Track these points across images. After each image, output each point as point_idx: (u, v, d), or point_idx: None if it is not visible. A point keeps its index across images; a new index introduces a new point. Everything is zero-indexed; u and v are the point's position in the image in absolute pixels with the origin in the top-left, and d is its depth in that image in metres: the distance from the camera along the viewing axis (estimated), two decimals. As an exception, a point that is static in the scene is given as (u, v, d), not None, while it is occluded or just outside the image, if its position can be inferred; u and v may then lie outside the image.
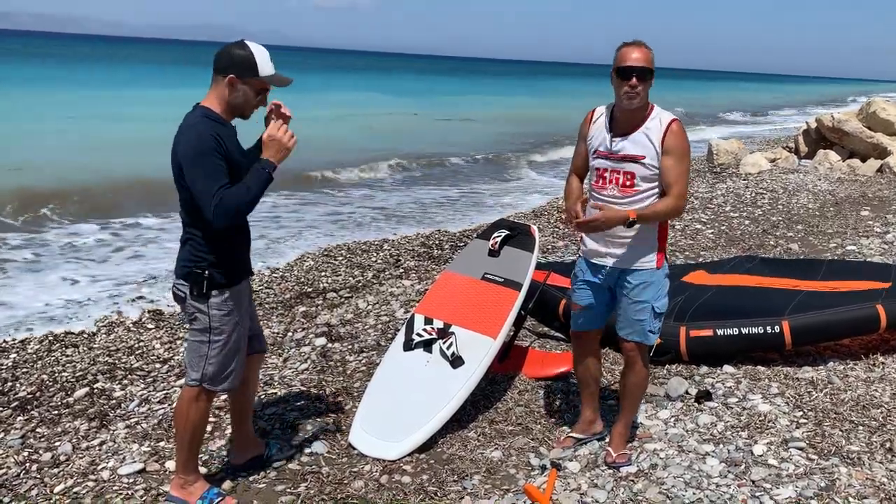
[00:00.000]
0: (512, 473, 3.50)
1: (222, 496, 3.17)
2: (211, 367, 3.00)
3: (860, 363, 4.45)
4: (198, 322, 2.98)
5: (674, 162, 3.17)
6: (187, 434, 3.07)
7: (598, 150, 3.30)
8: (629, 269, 3.32)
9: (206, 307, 2.94)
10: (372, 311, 5.79)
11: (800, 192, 10.74)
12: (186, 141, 2.77)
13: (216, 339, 2.97)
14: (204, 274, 2.89)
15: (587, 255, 3.45)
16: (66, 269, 7.40)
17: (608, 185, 3.26)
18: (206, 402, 3.08)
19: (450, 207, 11.71)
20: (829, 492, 3.13)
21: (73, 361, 4.81)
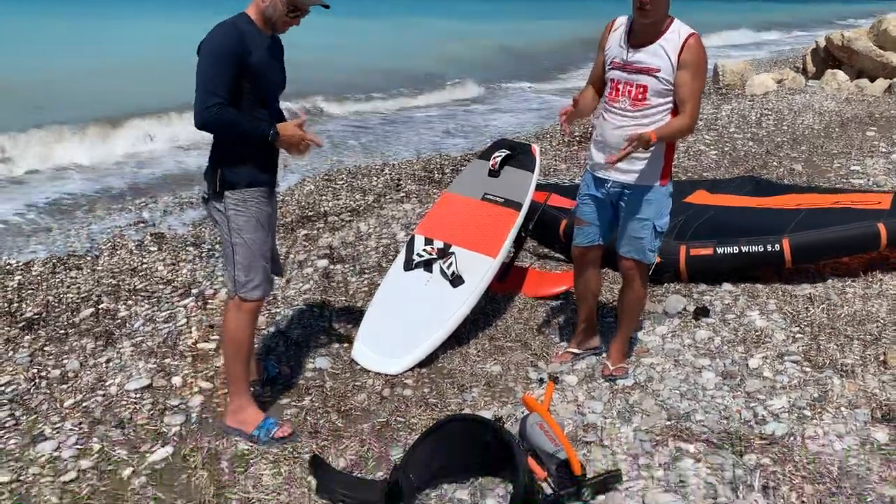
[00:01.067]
0: (511, 386, 3.57)
1: (279, 424, 3.16)
2: (240, 272, 3.02)
3: (859, 280, 4.47)
4: (220, 226, 3.04)
5: (689, 77, 3.12)
6: (233, 348, 3.12)
7: (614, 60, 3.26)
8: (633, 185, 3.31)
9: (223, 207, 2.97)
10: (373, 233, 5.80)
11: (805, 113, 10.58)
12: (208, 37, 2.85)
13: (236, 240, 2.99)
14: (219, 173, 2.94)
15: (593, 169, 3.44)
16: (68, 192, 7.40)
17: (620, 98, 3.23)
18: (248, 314, 3.09)
19: (451, 132, 11.58)
20: (821, 402, 3.20)
21: (78, 283, 4.85)
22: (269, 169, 3.06)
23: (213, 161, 3.00)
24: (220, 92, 2.78)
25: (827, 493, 2.63)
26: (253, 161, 2.97)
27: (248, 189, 2.97)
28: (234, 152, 2.94)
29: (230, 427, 3.17)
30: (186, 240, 5.67)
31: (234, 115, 2.84)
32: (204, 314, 4.33)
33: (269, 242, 3.15)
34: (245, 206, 2.97)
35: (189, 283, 4.83)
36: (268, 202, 3.07)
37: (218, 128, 2.88)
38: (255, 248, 3.02)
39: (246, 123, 2.88)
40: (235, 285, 3.05)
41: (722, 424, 3.09)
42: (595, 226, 3.51)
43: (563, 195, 5.43)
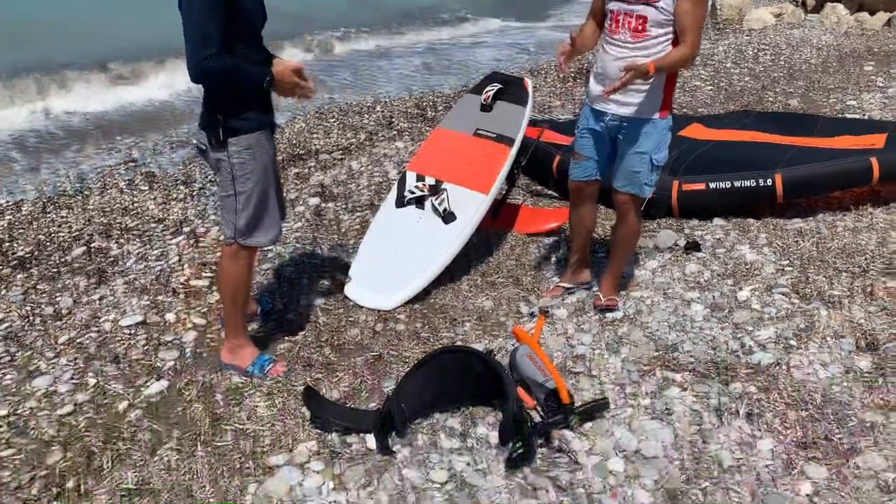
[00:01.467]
0: (502, 320, 3.61)
1: (273, 361, 3.19)
2: (242, 220, 2.96)
3: (849, 214, 4.48)
4: (222, 174, 2.94)
5: (690, 6, 3.06)
6: (230, 293, 3.10)
7: None
8: (632, 118, 3.28)
9: (227, 155, 2.88)
10: (365, 171, 5.77)
11: (803, 47, 10.42)
12: None
13: (241, 189, 2.92)
14: (220, 120, 2.84)
15: (592, 102, 3.40)
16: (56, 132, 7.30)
17: (620, 30, 3.17)
18: (246, 258, 3.05)
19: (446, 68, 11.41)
20: (807, 332, 3.24)
21: (69, 222, 4.83)
22: (268, 110, 2.98)
23: (210, 109, 2.87)
24: (214, 40, 2.65)
25: (809, 419, 2.69)
26: (253, 105, 2.88)
27: (252, 134, 2.88)
28: (233, 98, 2.83)
29: (225, 363, 3.20)
30: (177, 178, 5.63)
31: (232, 63, 2.73)
32: (196, 252, 4.33)
33: (278, 184, 3.09)
34: (251, 152, 2.88)
35: (180, 221, 4.82)
36: (270, 144, 3.00)
37: (217, 79, 2.76)
38: (261, 195, 2.95)
39: (245, 71, 2.78)
40: (235, 232, 2.99)
41: (709, 355, 3.13)
42: (593, 160, 3.49)
43: (556, 130, 5.38)
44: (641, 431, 2.68)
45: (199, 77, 2.73)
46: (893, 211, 4.46)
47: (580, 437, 2.68)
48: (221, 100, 2.84)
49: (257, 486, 2.52)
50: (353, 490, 2.49)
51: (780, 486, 2.40)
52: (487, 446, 2.66)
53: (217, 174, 3.01)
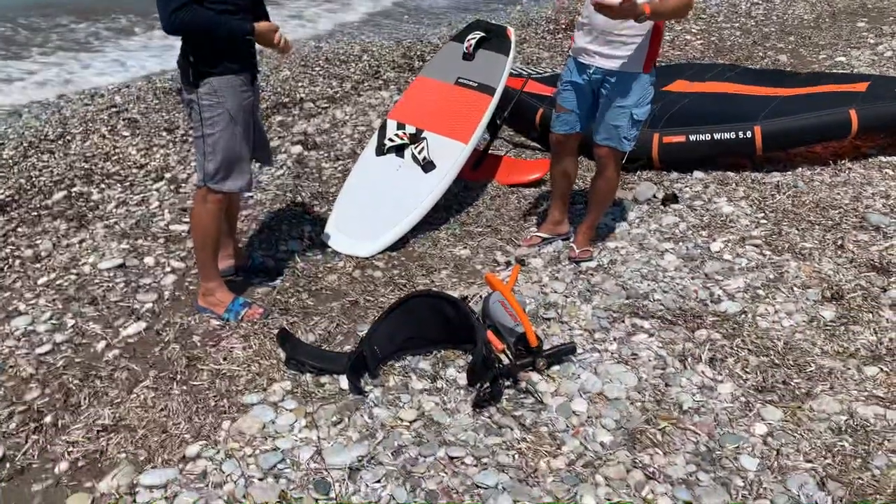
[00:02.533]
0: (478, 269, 3.66)
1: (248, 305, 3.22)
2: (210, 164, 2.96)
3: (828, 168, 4.51)
4: (193, 115, 2.95)
5: None
6: (199, 236, 3.11)
7: None
8: (615, 71, 3.27)
9: (196, 97, 2.88)
10: (349, 121, 5.74)
11: (797, 3, 10.32)
12: None
13: (209, 132, 2.92)
14: (192, 62, 2.83)
15: (576, 54, 3.39)
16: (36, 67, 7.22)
17: None
18: (215, 203, 3.05)
19: (436, 17, 11.26)
20: (776, 282, 3.30)
21: (50, 167, 4.82)
22: (246, 56, 2.95)
23: (184, 49, 2.87)
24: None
25: (770, 365, 2.76)
26: (227, 50, 2.86)
27: (223, 77, 2.87)
28: (206, 44, 2.82)
29: (202, 307, 3.24)
30: (160, 125, 5.60)
31: (205, 16, 2.71)
32: (176, 198, 4.34)
33: (249, 133, 3.07)
34: (216, 96, 2.87)
35: (162, 167, 4.81)
36: (248, 91, 2.98)
37: (189, 31, 2.76)
38: (228, 141, 2.95)
39: (220, 25, 2.76)
40: (204, 176, 3.00)
41: (678, 303, 3.20)
42: (575, 113, 3.49)
43: (540, 82, 5.36)
44: (606, 375, 2.75)
45: (170, 29, 2.73)
46: (871, 166, 4.50)
47: (547, 379, 2.75)
48: (196, 41, 2.84)
49: (231, 423, 2.59)
50: (325, 427, 2.56)
51: (736, 427, 2.48)
52: (456, 387, 2.73)
53: (190, 115, 3.02)
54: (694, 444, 2.43)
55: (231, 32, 2.82)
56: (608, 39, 3.20)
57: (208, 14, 2.73)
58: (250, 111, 3.04)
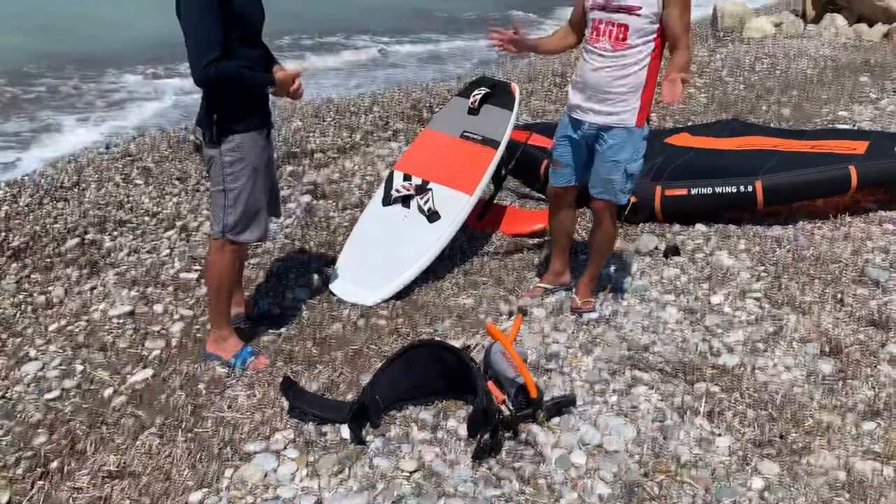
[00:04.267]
0: (481, 318, 3.70)
1: (255, 354, 3.28)
2: (230, 216, 3.06)
3: (828, 223, 4.57)
4: (214, 170, 3.04)
5: (679, 12, 3.16)
6: (214, 285, 3.19)
7: (596, 0, 3.26)
8: (608, 126, 3.35)
9: (220, 153, 2.98)
10: (358, 171, 5.86)
11: (800, 58, 10.50)
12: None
13: (231, 186, 3.02)
14: (215, 119, 2.94)
15: (570, 110, 3.49)
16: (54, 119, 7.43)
17: (601, 38, 3.25)
18: (232, 253, 3.14)
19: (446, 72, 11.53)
20: (775, 336, 3.34)
21: (64, 214, 4.93)
22: (264, 111, 3.09)
23: (207, 107, 2.98)
24: (214, 46, 2.76)
25: (768, 419, 2.78)
26: (249, 106, 2.98)
27: (246, 134, 2.99)
28: (230, 99, 2.94)
29: (209, 353, 3.30)
30: (172, 174, 5.73)
31: (234, 68, 2.83)
32: (186, 246, 4.43)
33: (268, 185, 3.18)
34: (241, 151, 2.98)
35: (174, 216, 4.92)
36: (265, 145, 3.10)
37: (219, 84, 2.87)
38: (250, 194, 3.05)
39: (246, 76, 2.89)
40: (223, 228, 3.09)
41: (678, 356, 3.23)
42: (571, 167, 3.57)
43: (544, 134, 5.46)
44: (606, 427, 2.78)
45: (202, 82, 2.85)
46: (871, 220, 4.55)
47: (546, 431, 2.77)
48: (219, 100, 2.95)
49: (233, 472, 2.62)
50: (325, 477, 2.59)
51: (734, 481, 2.50)
52: (456, 438, 2.76)
53: (209, 171, 3.11)
54: (691, 497, 2.44)
55: (255, 84, 2.96)
56: (601, 97, 3.30)
57: (235, 66, 2.85)
58: (268, 163, 3.17)
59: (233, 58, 2.86)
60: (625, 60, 3.23)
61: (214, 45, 2.77)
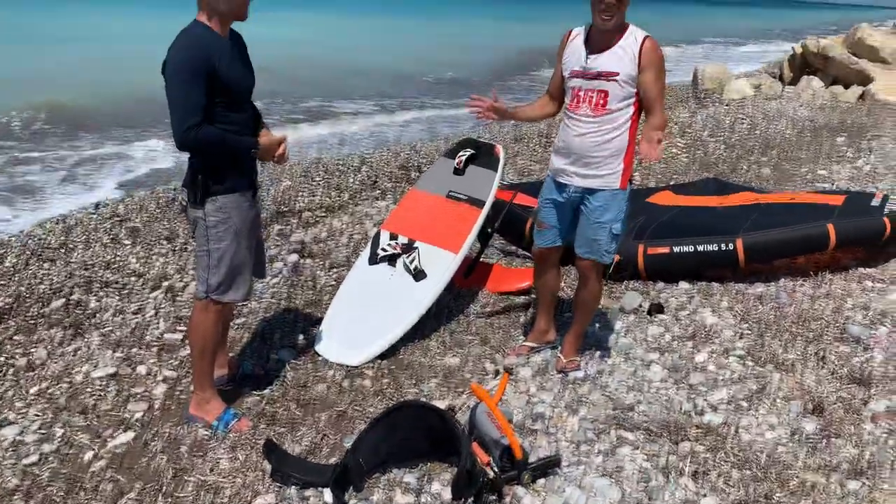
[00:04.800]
0: (468, 378, 3.69)
1: (238, 417, 3.24)
2: (214, 277, 3.06)
3: (809, 280, 4.62)
4: (198, 231, 3.06)
5: (653, 77, 3.25)
6: (198, 346, 3.18)
7: (574, 69, 3.35)
8: (592, 189, 3.42)
9: (203, 214, 3.00)
10: (346, 230, 5.91)
11: (779, 119, 10.76)
12: (172, 54, 2.83)
13: (215, 247, 3.03)
14: (200, 181, 2.97)
15: (554, 174, 3.55)
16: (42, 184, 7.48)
17: (582, 105, 3.33)
18: (215, 314, 3.14)
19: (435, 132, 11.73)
20: (759, 395, 3.34)
21: (50, 275, 4.92)
22: (249, 173, 3.11)
23: (192, 169, 3.01)
24: (196, 111, 2.80)
25: (752, 479, 2.77)
26: (233, 168, 3.01)
27: (230, 195, 3.01)
28: (213, 161, 2.97)
29: (192, 415, 3.27)
30: (161, 234, 5.75)
31: (215, 133, 2.87)
32: (172, 307, 4.42)
33: (252, 246, 3.19)
34: (224, 212, 3.00)
35: (160, 276, 4.92)
36: (250, 206, 3.11)
37: (199, 148, 2.91)
38: (233, 255, 3.06)
39: (228, 140, 2.92)
40: (207, 288, 3.09)
41: (663, 415, 3.23)
42: (555, 228, 3.62)
43: (529, 194, 5.55)
44: (591, 489, 2.76)
45: (182, 145, 2.88)
46: (851, 278, 4.62)
47: (532, 493, 2.75)
48: (203, 162, 2.99)
49: (213, 538, 2.57)
50: (307, 542, 2.54)
51: (720, 543, 2.47)
52: (440, 502, 2.73)
53: (194, 231, 3.13)
54: (678, 561, 2.41)
55: (237, 149, 2.99)
56: (585, 161, 3.37)
57: (217, 131, 2.89)
58: (253, 225, 3.18)
59: (216, 122, 2.90)
60: (606, 125, 3.31)
61: (196, 110, 2.80)
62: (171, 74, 2.83)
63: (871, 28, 13.90)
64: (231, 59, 2.93)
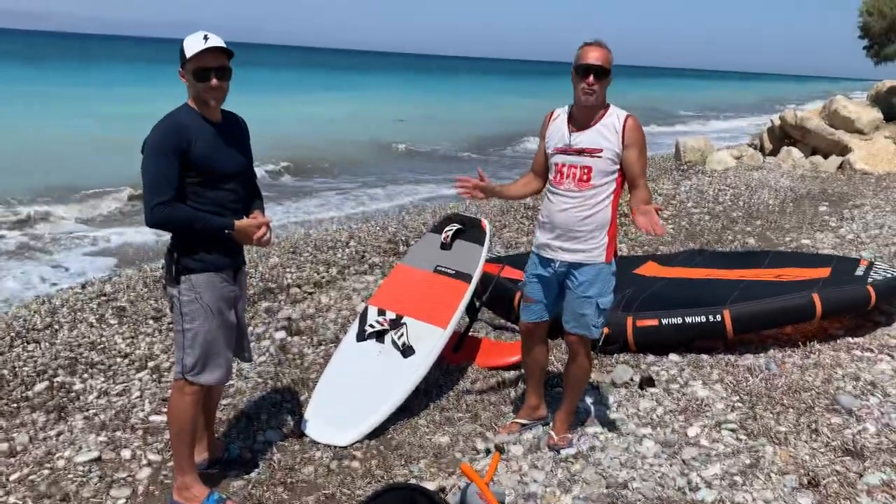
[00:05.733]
0: (458, 458, 3.64)
1: (223, 501, 3.17)
2: (188, 357, 3.03)
3: (798, 350, 4.63)
4: (174, 310, 3.05)
5: (636, 155, 3.33)
6: (176, 429, 3.11)
7: (557, 146, 3.42)
8: (578, 264, 3.44)
9: (178, 292, 2.99)
10: (333, 305, 5.90)
11: (762, 189, 10.97)
12: (150, 134, 2.89)
13: (188, 326, 3.01)
14: (174, 258, 2.98)
15: (539, 250, 3.58)
16: (29, 265, 7.48)
17: (565, 180, 3.39)
18: (192, 395, 3.08)
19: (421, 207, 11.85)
20: (753, 469, 3.30)
21: (35, 357, 4.87)
22: (228, 253, 3.09)
23: (170, 246, 3.02)
24: (166, 190, 2.82)
25: (750, 558, 2.70)
26: (208, 247, 3.00)
27: (203, 274, 2.99)
28: (186, 239, 2.98)
29: (175, 502, 3.18)
30: (147, 313, 5.73)
31: (184, 212, 2.88)
32: (158, 388, 4.37)
33: (231, 326, 3.14)
34: (198, 292, 2.98)
35: (146, 356, 4.87)
36: (228, 285, 3.08)
37: (168, 226, 2.93)
38: (207, 334, 3.03)
39: (199, 219, 2.91)
40: (182, 368, 3.05)
41: (657, 491, 3.17)
42: (542, 303, 3.63)
43: (516, 266, 5.59)
44: (586, 572, 2.68)
45: (150, 222, 2.88)
46: (839, 347, 4.62)
47: (525, 578, 2.67)
48: (177, 240, 3.00)
49: None
50: None
51: None
52: (431, 588, 2.64)
53: (171, 309, 3.11)
54: None
55: (209, 229, 2.96)
56: (570, 236, 3.41)
57: (188, 210, 2.90)
58: (231, 305, 3.13)
59: (189, 200, 2.91)
60: (590, 200, 3.37)
61: (166, 188, 2.83)
62: (145, 153, 2.89)
63: (846, 100, 14.32)
64: (212, 140, 2.96)
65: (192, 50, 2.87)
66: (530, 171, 3.67)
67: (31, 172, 12.88)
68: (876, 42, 15.69)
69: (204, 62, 2.89)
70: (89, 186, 12.01)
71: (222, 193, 3.04)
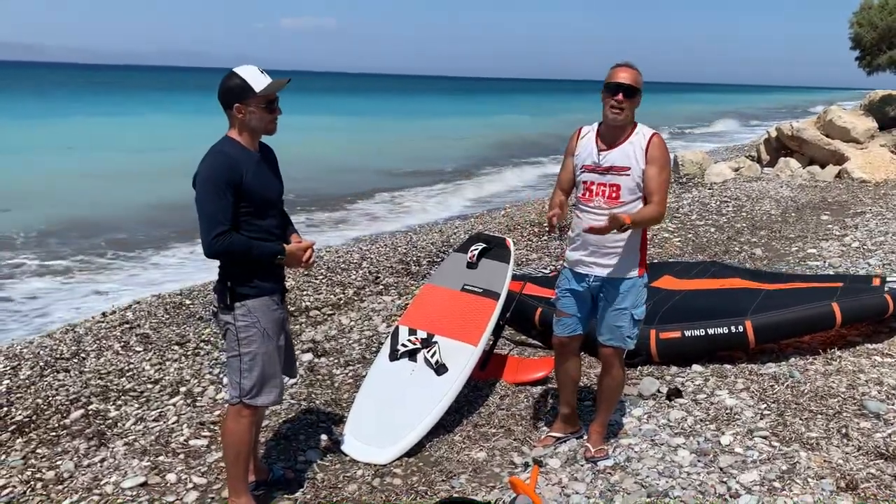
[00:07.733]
0: (497, 472, 3.71)
1: None
2: (246, 381, 3.11)
3: (819, 357, 4.73)
4: (229, 336, 3.13)
5: (656, 171, 3.41)
6: (233, 452, 3.18)
7: (585, 163, 3.52)
8: (613, 278, 3.53)
9: (233, 318, 3.08)
10: (355, 326, 5.97)
11: (763, 200, 11.12)
12: (201, 168, 3.00)
13: (245, 350, 3.10)
14: (228, 286, 3.08)
15: (572, 266, 3.66)
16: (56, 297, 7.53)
17: (595, 198, 3.48)
18: (249, 418, 3.17)
19: (427, 228, 11.94)
20: (790, 474, 3.38)
21: (66, 385, 4.92)
22: (276, 277, 3.21)
23: (222, 275, 3.12)
24: (223, 220, 2.94)
25: (799, 561, 2.78)
26: (260, 273, 3.12)
27: (258, 299, 3.10)
28: (240, 266, 3.08)
29: None
30: (171, 339, 5.79)
31: (242, 241, 3.00)
32: (193, 412, 4.42)
33: (282, 347, 3.25)
34: (255, 317, 3.09)
35: (177, 381, 4.93)
36: (278, 308, 3.20)
37: (227, 255, 3.03)
38: (264, 357, 3.13)
39: (254, 248, 3.03)
40: (240, 392, 3.14)
41: (698, 499, 3.25)
42: (576, 317, 3.71)
43: (537, 284, 5.69)
44: (640, 579, 2.75)
45: (210, 254, 3.00)
46: (859, 353, 4.72)
47: (581, 586, 2.74)
48: (231, 268, 3.10)
49: None
50: None
51: None
52: None
53: (224, 336, 3.20)
54: None
55: (264, 255, 3.09)
56: (604, 252, 3.50)
57: (244, 239, 3.02)
58: (282, 327, 3.25)
59: (243, 230, 3.03)
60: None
61: (223, 220, 2.95)
62: (200, 187, 2.98)
63: (841, 110, 14.55)
64: (257, 170, 3.08)
65: (261, 84, 3.02)
66: (557, 187, 3.74)
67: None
68: (868, 52, 15.95)
69: (272, 95, 3.06)
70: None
71: (269, 220, 3.16)
